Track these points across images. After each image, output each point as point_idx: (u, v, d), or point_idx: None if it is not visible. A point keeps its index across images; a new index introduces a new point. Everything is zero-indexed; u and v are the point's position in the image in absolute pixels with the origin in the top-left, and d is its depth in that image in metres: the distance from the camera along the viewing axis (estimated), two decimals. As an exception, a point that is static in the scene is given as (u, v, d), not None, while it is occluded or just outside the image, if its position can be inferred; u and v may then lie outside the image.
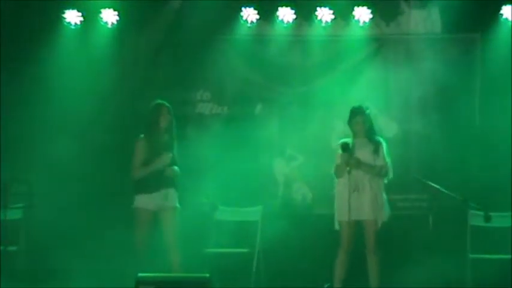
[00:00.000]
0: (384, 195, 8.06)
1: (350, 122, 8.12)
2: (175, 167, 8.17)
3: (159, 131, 8.20)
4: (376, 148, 8.03)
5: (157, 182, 8.12)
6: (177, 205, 8.22)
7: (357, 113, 8.08)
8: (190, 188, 8.96)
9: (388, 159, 8.06)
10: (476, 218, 8.85)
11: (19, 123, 9.54)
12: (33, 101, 9.56)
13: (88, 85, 9.65)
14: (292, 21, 9.74)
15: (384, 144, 8.09)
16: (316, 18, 9.67)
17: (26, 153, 9.42)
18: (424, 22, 9.76)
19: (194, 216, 8.98)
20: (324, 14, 9.64)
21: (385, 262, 8.21)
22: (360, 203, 7.91)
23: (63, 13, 9.73)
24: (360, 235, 8.06)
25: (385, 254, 8.24)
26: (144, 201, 8.14)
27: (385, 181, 8.11)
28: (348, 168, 7.85)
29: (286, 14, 9.70)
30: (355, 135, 8.11)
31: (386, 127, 9.76)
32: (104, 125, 9.70)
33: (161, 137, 8.19)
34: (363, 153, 7.98)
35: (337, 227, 8.06)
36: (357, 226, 8.01)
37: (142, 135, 8.23)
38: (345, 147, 7.94)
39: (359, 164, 7.90)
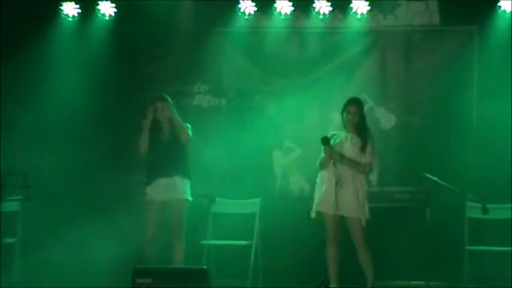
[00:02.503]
0: (366, 193, 8.03)
1: (343, 111, 8.04)
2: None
3: (161, 125, 8.21)
4: (364, 145, 7.96)
5: (158, 171, 8.16)
6: (187, 197, 8.21)
7: (351, 103, 8.03)
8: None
9: (373, 157, 8.03)
10: (474, 210, 8.86)
11: (16, 116, 9.53)
12: (31, 93, 9.55)
13: (86, 77, 9.64)
14: (290, 14, 9.73)
15: (372, 141, 8.05)
16: (314, 10, 9.67)
17: (23, 145, 9.40)
18: (421, 14, 9.74)
19: (192, 208, 8.99)
20: (322, 6, 9.64)
21: (382, 254, 8.21)
22: (343, 199, 7.84)
23: (61, 5, 9.72)
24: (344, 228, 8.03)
25: (383, 246, 8.24)
26: (149, 192, 8.19)
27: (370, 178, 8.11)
28: (332, 162, 7.83)
29: (283, 6, 9.68)
30: (345, 126, 8.03)
31: (385, 119, 9.76)
32: (102, 117, 9.69)
33: (165, 130, 8.22)
34: (351, 149, 7.90)
35: (313, 215, 7.99)
36: (342, 220, 7.96)
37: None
38: (324, 140, 7.87)
39: (342, 158, 7.85)
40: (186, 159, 8.27)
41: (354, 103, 8.04)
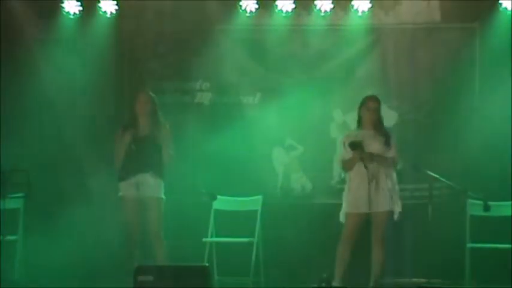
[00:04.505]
0: (397, 186, 8.01)
1: (362, 107, 7.98)
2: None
3: (138, 119, 8.15)
4: (387, 140, 7.94)
5: (131, 167, 8.05)
6: (161, 196, 8.11)
7: (371, 100, 7.98)
8: (189, 177, 8.99)
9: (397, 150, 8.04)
10: (475, 207, 8.86)
11: (18, 113, 9.55)
12: (32, 90, 9.55)
13: (87, 75, 9.64)
14: (291, 11, 9.72)
15: (394, 136, 8.05)
16: (315, 7, 9.66)
17: (25, 143, 9.41)
18: (423, 11, 9.74)
19: (193, 206, 9.01)
20: (323, 4, 9.62)
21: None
22: (378, 195, 7.81)
23: (62, 2, 9.72)
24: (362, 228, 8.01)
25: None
26: (123, 188, 8.10)
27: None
28: (363, 164, 7.75)
29: (285, 4, 9.67)
30: (362, 124, 7.99)
31: (386, 117, 9.73)
32: (103, 115, 9.70)
33: (142, 125, 8.14)
34: (375, 146, 7.85)
35: (342, 219, 7.95)
36: (366, 218, 7.93)
37: (122, 127, 8.20)
38: (355, 145, 7.79)
39: (372, 158, 7.80)
40: (160, 157, 8.12)
41: (374, 99, 8.01)
